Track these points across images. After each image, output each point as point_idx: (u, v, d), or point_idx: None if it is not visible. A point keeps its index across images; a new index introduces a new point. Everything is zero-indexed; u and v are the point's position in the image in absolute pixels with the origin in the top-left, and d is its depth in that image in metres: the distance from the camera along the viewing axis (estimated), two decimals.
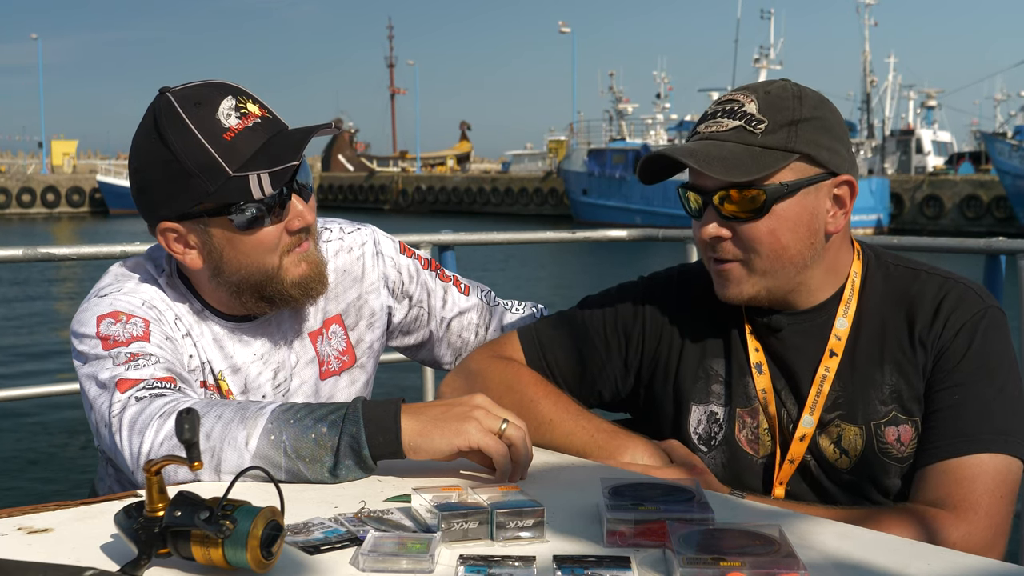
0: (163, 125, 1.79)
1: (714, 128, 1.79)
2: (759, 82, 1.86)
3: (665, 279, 2.04)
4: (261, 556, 1.23)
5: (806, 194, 1.76)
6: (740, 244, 1.78)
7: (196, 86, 1.84)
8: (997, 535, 1.66)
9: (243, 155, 1.78)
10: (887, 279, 1.86)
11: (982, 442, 1.69)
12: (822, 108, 1.79)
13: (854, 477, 1.79)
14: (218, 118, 1.78)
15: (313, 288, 1.92)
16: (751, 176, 1.73)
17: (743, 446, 1.86)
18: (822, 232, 1.79)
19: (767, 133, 1.74)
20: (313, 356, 2.05)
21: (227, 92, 1.82)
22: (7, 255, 3.25)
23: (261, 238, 1.84)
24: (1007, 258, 3.26)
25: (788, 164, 1.74)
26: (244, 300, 1.91)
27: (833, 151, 1.77)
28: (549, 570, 1.25)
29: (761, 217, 1.75)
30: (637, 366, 1.98)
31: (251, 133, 1.79)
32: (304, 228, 1.88)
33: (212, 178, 1.77)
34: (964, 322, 1.77)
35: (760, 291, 1.81)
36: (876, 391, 1.79)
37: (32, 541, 1.38)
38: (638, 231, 4.24)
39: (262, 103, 1.86)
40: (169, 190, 1.81)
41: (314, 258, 1.92)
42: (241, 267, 1.87)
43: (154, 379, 1.74)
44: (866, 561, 1.31)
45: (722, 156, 1.74)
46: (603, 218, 46.11)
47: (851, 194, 1.81)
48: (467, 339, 2.23)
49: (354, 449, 1.61)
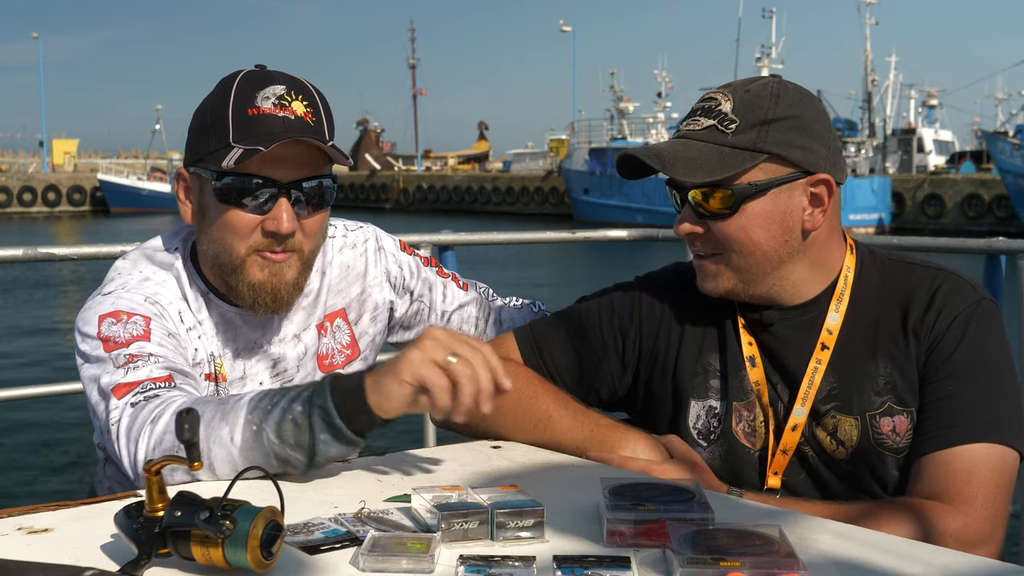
0: (220, 84, 1.89)
1: (691, 126, 1.83)
2: (744, 79, 1.88)
3: (660, 277, 2.05)
4: (261, 556, 1.23)
5: (778, 193, 1.78)
6: (713, 240, 1.82)
7: (277, 72, 1.90)
8: (995, 526, 1.66)
9: (250, 132, 1.81)
10: (881, 273, 1.87)
11: (977, 432, 1.69)
12: (799, 107, 1.80)
13: (851, 467, 1.80)
14: (256, 96, 1.84)
15: (262, 299, 1.89)
16: (714, 176, 1.76)
17: (740, 439, 1.87)
18: (798, 230, 1.81)
19: (737, 133, 1.77)
20: (316, 349, 2.06)
21: (287, 84, 1.86)
22: (7, 255, 3.24)
23: (231, 218, 1.85)
24: (1007, 258, 3.26)
25: (756, 164, 1.76)
26: (222, 282, 1.92)
27: (808, 150, 1.78)
28: (549, 570, 1.25)
29: (732, 215, 1.78)
30: (634, 364, 1.98)
31: (274, 120, 1.82)
32: (277, 234, 1.85)
33: (218, 139, 1.84)
34: (957, 313, 1.78)
35: (736, 285, 1.83)
36: (871, 382, 1.80)
37: (32, 541, 1.38)
38: (638, 231, 4.24)
39: (319, 110, 1.87)
40: (193, 137, 1.92)
41: (281, 276, 1.89)
42: (212, 240, 1.89)
43: (149, 380, 1.74)
44: (866, 561, 1.31)
45: (688, 156, 1.77)
46: (604, 217, 46.10)
47: (829, 192, 1.81)
48: (467, 332, 2.25)
49: (326, 421, 1.58)
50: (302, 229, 1.88)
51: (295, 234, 1.87)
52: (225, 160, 1.79)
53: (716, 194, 1.78)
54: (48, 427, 10.05)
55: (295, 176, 1.85)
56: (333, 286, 2.08)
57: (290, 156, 1.83)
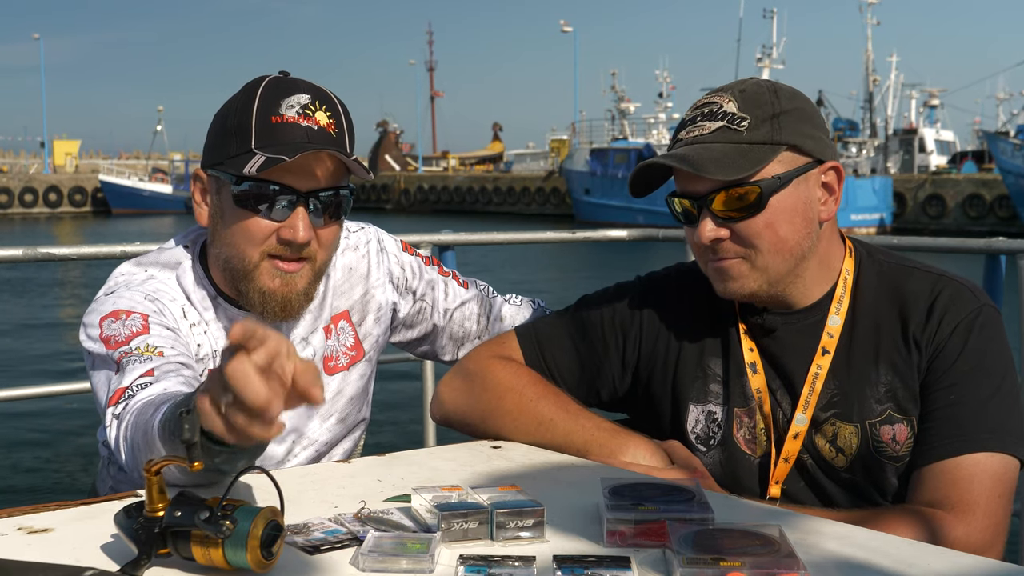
0: (244, 89, 1.90)
1: (697, 132, 1.80)
2: (729, 84, 1.87)
3: (663, 278, 2.04)
4: (261, 556, 1.23)
5: (798, 184, 1.78)
6: (739, 242, 1.79)
7: (301, 80, 1.91)
8: (996, 534, 1.66)
9: (272, 140, 1.81)
10: (880, 276, 1.86)
11: (979, 441, 1.69)
12: (797, 99, 1.82)
13: (851, 476, 1.80)
14: (281, 103, 1.84)
15: (271, 308, 1.89)
16: (744, 173, 1.74)
17: (740, 446, 1.86)
18: (816, 220, 1.81)
19: (751, 129, 1.76)
20: (322, 352, 2.07)
21: (311, 93, 1.87)
22: (7, 255, 3.24)
23: (247, 224, 1.85)
24: (1007, 258, 3.26)
25: (776, 156, 1.76)
26: (231, 286, 1.93)
27: (816, 139, 1.80)
28: (549, 570, 1.25)
29: (758, 213, 1.76)
30: (635, 365, 1.98)
31: (297, 130, 1.82)
32: (292, 242, 1.85)
33: (239, 143, 1.84)
34: (959, 321, 1.77)
35: (762, 285, 1.81)
36: (872, 389, 1.79)
37: (32, 541, 1.38)
38: (638, 231, 4.24)
39: (341, 122, 1.88)
40: (213, 140, 1.92)
41: (292, 285, 1.89)
42: (226, 244, 1.89)
43: (134, 382, 1.72)
44: (866, 561, 1.31)
45: (713, 157, 1.75)
46: (605, 218, 46.06)
47: (838, 179, 1.83)
48: (469, 328, 2.28)
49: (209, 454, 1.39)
50: (317, 238, 1.89)
51: (310, 243, 1.88)
52: (247, 166, 1.78)
53: (741, 192, 1.75)
54: (48, 427, 10.05)
55: (314, 186, 1.85)
56: (337, 288, 2.10)
57: (310, 166, 1.84)
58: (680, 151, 1.79)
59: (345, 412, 2.13)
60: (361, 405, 2.18)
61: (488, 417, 1.93)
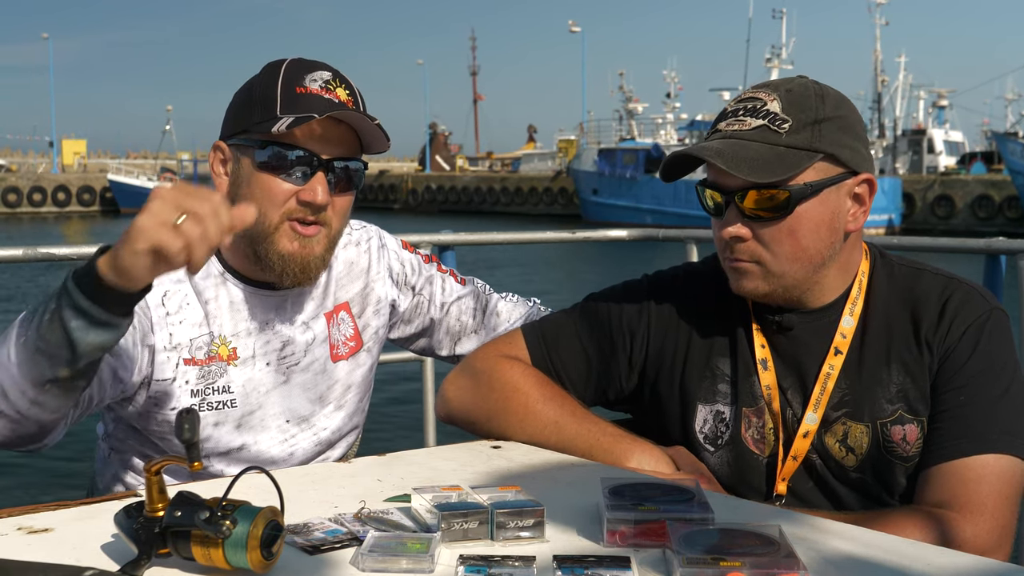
0: (267, 67, 1.98)
1: (736, 126, 1.79)
2: (778, 79, 1.87)
3: (671, 277, 2.03)
4: (261, 556, 1.23)
5: (828, 194, 1.76)
6: (759, 243, 1.78)
7: (322, 63, 1.98)
8: (1004, 536, 1.66)
9: (297, 108, 1.88)
10: (891, 278, 1.86)
11: (988, 442, 1.69)
12: (843, 107, 1.80)
13: (860, 475, 1.80)
14: (305, 77, 1.93)
15: (290, 270, 1.94)
16: (777, 177, 1.73)
17: (749, 446, 1.85)
18: (842, 231, 1.80)
19: (791, 132, 1.74)
20: (326, 336, 2.10)
21: (332, 73, 1.96)
22: (7, 255, 3.24)
23: (270, 184, 1.91)
24: (1007, 258, 3.26)
25: (812, 164, 1.74)
26: (244, 252, 1.95)
27: (854, 150, 1.78)
28: (549, 570, 1.25)
29: (784, 218, 1.75)
30: (642, 365, 1.97)
31: (320, 100, 1.90)
32: (312, 204, 1.91)
33: (264, 111, 1.90)
34: (969, 324, 1.77)
35: (776, 288, 1.81)
36: (883, 390, 1.79)
37: (32, 541, 1.38)
38: (638, 231, 4.23)
39: (358, 100, 1.96)
40: (235, 111, 1.98)
41: (311, 249, 1.94)
42: None
43: None
44: (866, 561, 1.31)
45: (748, 157, 1.73)
46: (613, 218, 46.02)
47: (871, 192, 1.81)
48: (465, 322, 2.31)
49: (73, 307, 1.54)
50: (333, 205, 1.95)
51: (327, 208, 1.93)
52: (275, 126, 1.85)
53: (772, 195, 1.74)
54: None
55: (333, 154, 1.93)
56: (339, 280, 2.14)
57: (331, 135, 1.92)
58: (717, 144, 1.78)
59: (353, 406, 2.16)
60: (362, 395, 2.19)
61: (493, 417, 1.93)
